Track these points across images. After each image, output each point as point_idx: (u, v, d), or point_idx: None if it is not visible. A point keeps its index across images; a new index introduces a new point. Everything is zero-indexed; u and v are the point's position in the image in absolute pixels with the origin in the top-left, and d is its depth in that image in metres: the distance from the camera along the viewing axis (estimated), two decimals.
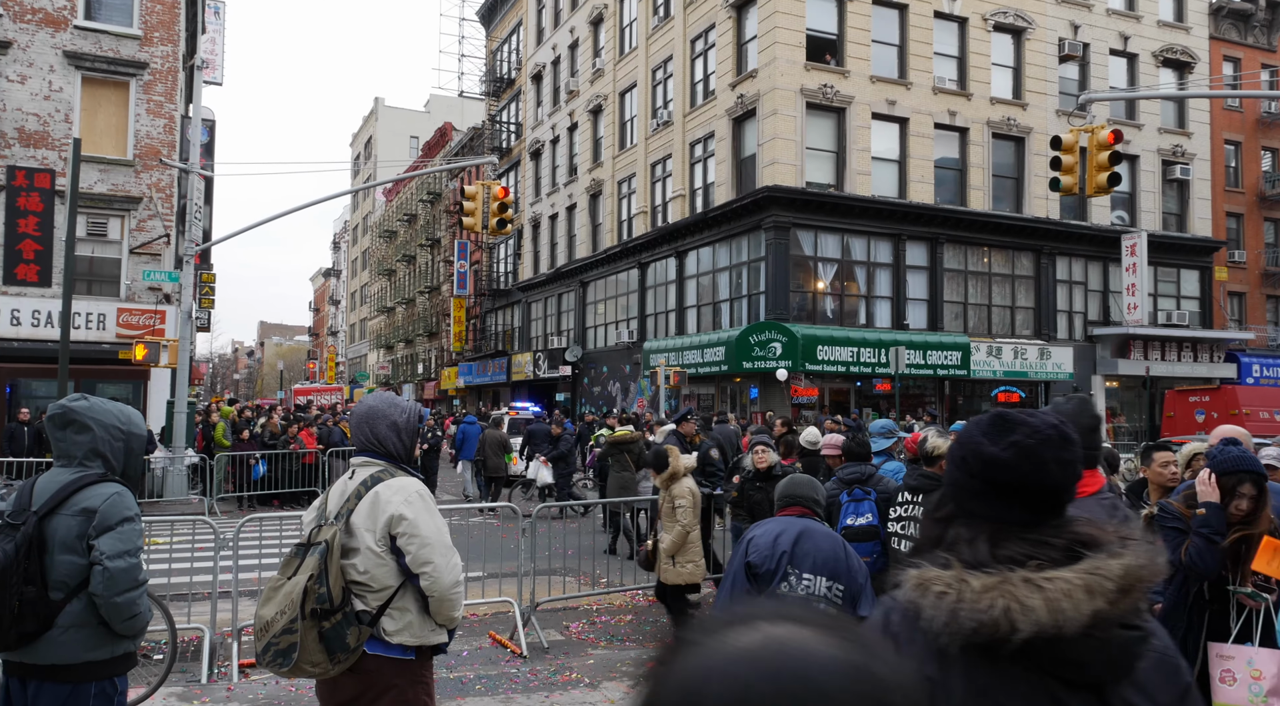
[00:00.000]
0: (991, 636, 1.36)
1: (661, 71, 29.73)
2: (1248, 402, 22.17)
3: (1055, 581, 1.37)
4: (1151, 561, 1.41)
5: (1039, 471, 1.51)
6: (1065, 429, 1.57)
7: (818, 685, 0.77)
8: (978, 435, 1.56)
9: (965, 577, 1.41)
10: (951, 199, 25.77)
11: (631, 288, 31.36)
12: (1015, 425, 1.55)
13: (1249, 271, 31.25)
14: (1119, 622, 1.38)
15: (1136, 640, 1.42)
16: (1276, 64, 31.54)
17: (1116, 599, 1.37)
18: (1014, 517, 1.51)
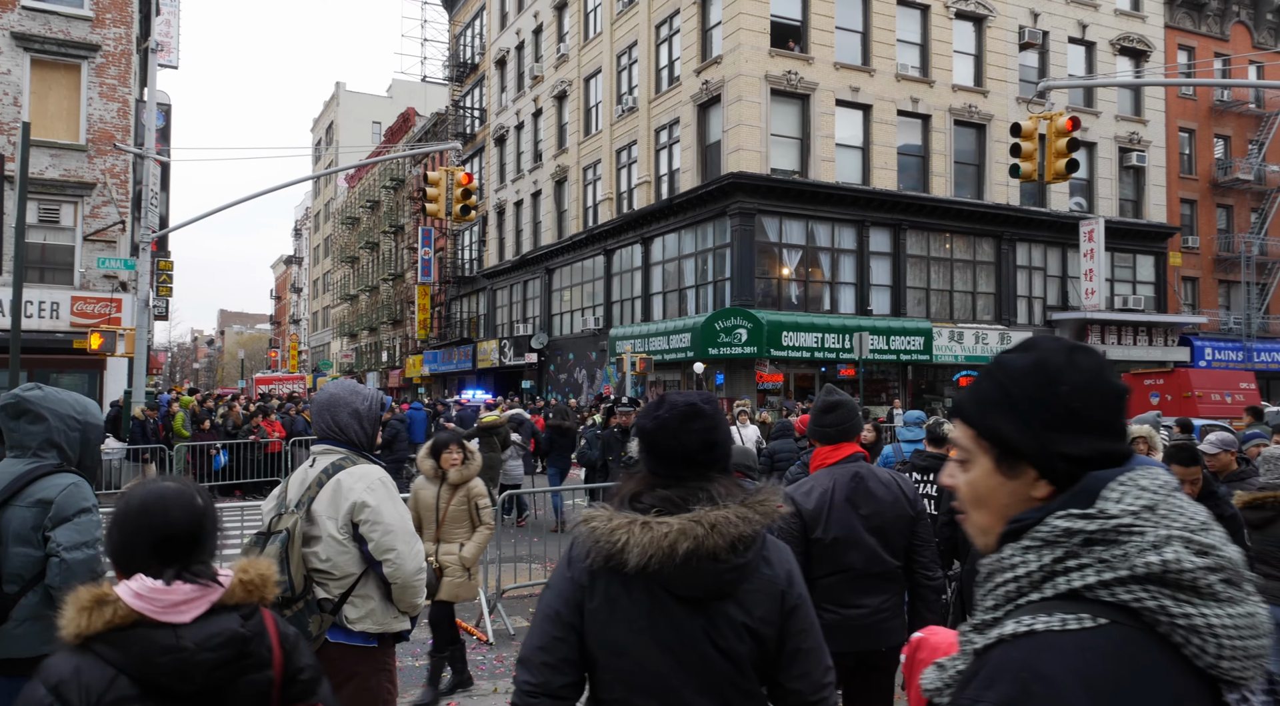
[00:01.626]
0: (618, 561, 1.87)
1: (626, 57, 29.62)
2: (1200, 385, 22.68)
3: (661, 525, 1.86)
4: (736, 514, 1.90)
5: (671, 439, 2.00)
6: (700, 406, 2.05)
7: None
8: (646, 412, 2.07)
9: (613, 517, 1.90)
10: (914, 185, 26.00)
11: (597, 274, 31.31)
12: (663, 404, 2.05)
13: (1202, 257, 31.90)
14: (711, 556, 1.86)
15: (729, 569, 1.90)
16: (1229, 53, 32.13)
17: (704, 539, 1.85)
18: (663, 473, 2.00)
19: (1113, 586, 1.08)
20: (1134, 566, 1.08)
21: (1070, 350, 1.25)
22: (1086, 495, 1.15)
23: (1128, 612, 1.07)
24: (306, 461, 3.48)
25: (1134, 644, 1.05)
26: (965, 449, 1.30)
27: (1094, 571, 1.10)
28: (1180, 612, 1.06)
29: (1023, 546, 1.16)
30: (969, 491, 1.29)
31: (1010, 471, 1.23)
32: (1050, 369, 1.23)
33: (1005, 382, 1.26)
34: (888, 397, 24.57)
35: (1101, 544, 1.11)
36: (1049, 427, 1.20)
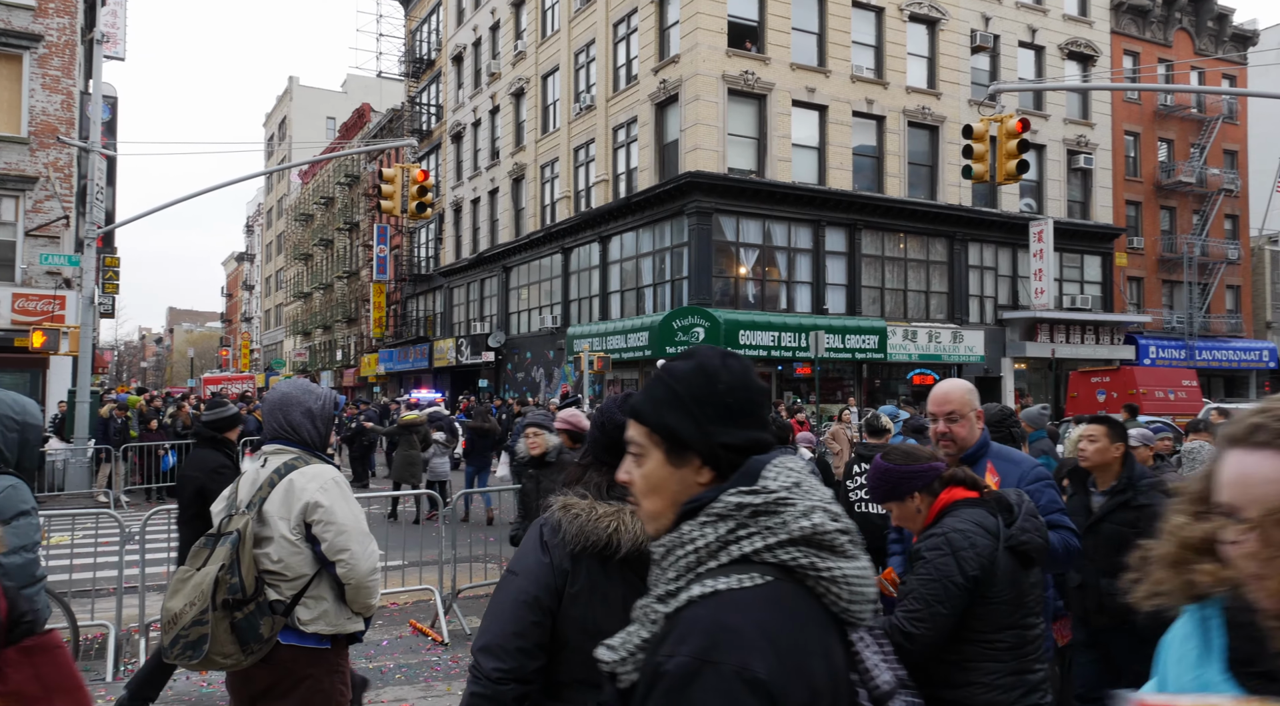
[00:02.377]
0: (605, 546, 1.97)
1: (584, 55, 29.56)
2: (1145, 383, 23.25)
3: None
4: None
5: None
6: None
7: None
8: (613, 407, 2.14)
9: (595, 506, 2.00)
10: (869, 186, 26.30)
11: (555, 273, 31.21)
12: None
13: (1146, 257, 32.71)
14: None
15: None
16: (1172, 58, 32.98)
17: None
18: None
19: (775, 549, 1.30)
20: (791, 531, 1.30)
21: (724, 356, 1.51)
22: (751, 475, 1.37)
23: (786, 570, 1.30)
24: (257, 461, 3.42)
25: (792, 595, 1.28)
26: (640, 445, 1.48)
27: (760, 538, 1.30)
28: (824, 567, 1.30)
29: (700, 522, 1.34)
30: (644, 483, 1.47)
31: (679, 461, 1.43)
32: (709, 371, 1.46)
33: (674, 385, 1.47)
34: (843, 396, 24.83)
35: (765, 514, 1.32)
36: (711, 421, 1.42)
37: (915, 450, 3.01)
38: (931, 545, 2.74)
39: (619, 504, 2.00)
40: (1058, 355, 28.51)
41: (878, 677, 1.32)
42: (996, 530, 2.73)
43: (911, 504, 2.91)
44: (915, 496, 2.90)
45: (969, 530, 2.71)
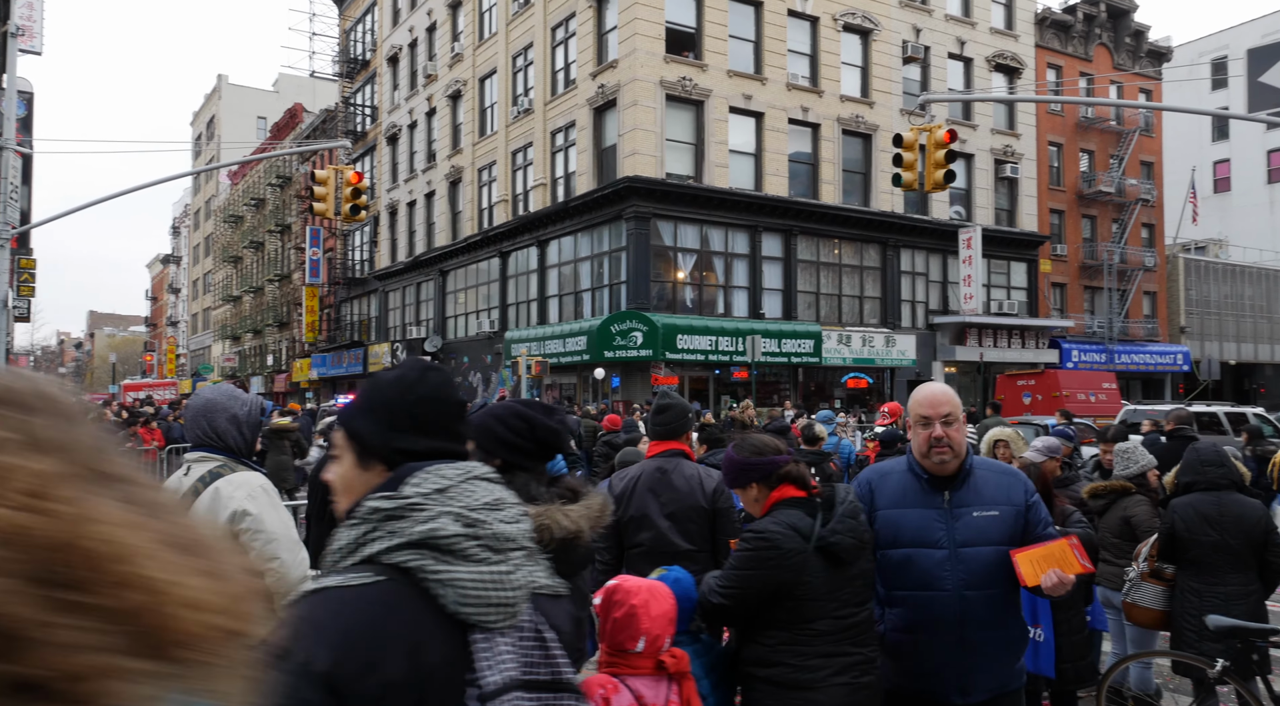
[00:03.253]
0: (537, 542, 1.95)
1: (522, 58, 29.45)
2: (1068, 386, 24.02)
3: (573, 511, 2.06)
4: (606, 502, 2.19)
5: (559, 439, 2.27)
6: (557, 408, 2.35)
7: None
8: (538, 415, 2.25)
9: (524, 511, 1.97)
10: (804, 192, 26.69)
11: (492, 277, 30.99)
12: (553, 409, 2.31)
13: (1069, 264, 33.80)
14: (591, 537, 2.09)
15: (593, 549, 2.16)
16: (1092, 72, 34.17)
17: (595, 523, 2.10)
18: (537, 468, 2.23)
19: (393, 551, 1.36)
20: (410, 535, 1.36)
21: (424, 369, 1.59)
22: (395, 482, 1.42)
23: (401, 571, 1.35)
24: (180, 469, 3.33)
25: (396, 594, 1.33)
26: (338, 446, 1.55)
27: (384, 540, 1.36)
28: (435, 569, 1.35)
29: (348, 524, 1.41)
30: (340, 482, 1.54)
31: (366, 465, 1.51)
32: (406, 383, 1.55)
33: (371, 393, 1.56)
34: (779, 399, 25.13)
35: (395, 519, 1.38)
36: (395, 429, 1.50)
37: (765, 444, 3.15)
38: (749, 538, 2.99)
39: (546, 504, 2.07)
40: (986, 359, 29.29)
41: (485, 678, 1.36)
42: (809, 531, 2.93)
43: (751, 492, 3.13)
44: (754, 486, 3.11)
45: (781, 532, 2.92)
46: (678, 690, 2.60)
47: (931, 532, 3.05)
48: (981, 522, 3.05)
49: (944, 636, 3.01)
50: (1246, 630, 4.14)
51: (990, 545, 3.03)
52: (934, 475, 3.11)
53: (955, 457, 3.08)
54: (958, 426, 3.09)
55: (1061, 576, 2.86)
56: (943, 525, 3.06)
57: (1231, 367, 37.89)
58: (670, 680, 2.61)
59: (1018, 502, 3.11)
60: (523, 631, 1.47)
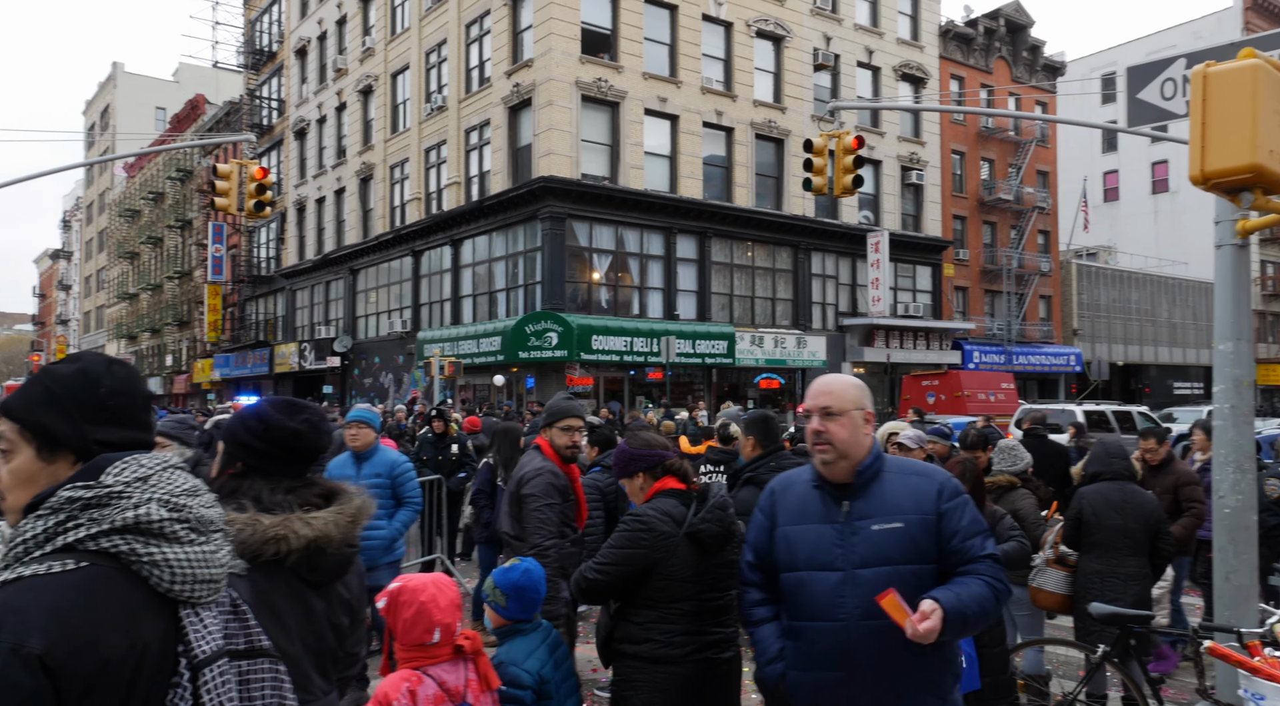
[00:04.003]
0: (273, 556, 1.93)
1: (435, 55, 29.05)
2: (969, 386, 24.91)
3: (318, 519, 2.01)
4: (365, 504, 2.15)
5: (315, 440, 2.16)
6: (323, 412, 2.26)
7: None
8: (277, 414, 2.14)
9: (259, 518, 1.96)
10: (719, 195, 27.04)
11: (405, 276, 30.49)
12: (303, 407, 2.20)
13: (971, 268, 35.07)
14: (347, 543, 2.08)
15: (351, 554, 2.13)
16: (993, 84, 35.54)
17: (348, 528, 2.06)
18: (291, 472, 2.13)
19: (98, 538, 1.40)
20: (114, 521, 1.41)
21: (109, 362, 1.61)
22: (93, 471, 1.46)
23: (109, 556, 1.41)
24: None
25: (105, 578, 1.39)
26: (10, 440, 1.54)
27: (84, 528, 1.40)
28: (145, 552, 1.42)
29: (36, 515, 1.43)
30: (12, 478, 1.54)
31: (50, 458, 1.53)
32: (92, 376, 1.57)
33: (51, 386, 1.56)
34: (693, 400, 25.39)
35: (96, 507, 1.42)
36: (89, 421, 1.53)
37: (654, 439, 3.50)
38: (627, 520, 3.27)
39: (284, 513, 2.01)
40: (892, 360, 30.17)
41: (196, 648, 1.44)
42: (682, 518, 3.24)
43: (637, 481, 3.43)
44: (640, 476, 3.42)
45: (657, 517, 3.22)
46: (474, 668, 2.82)
47: (826, 551, 2.63)
48: (881, 537, 2.58)
49: (842, 674, 2.58)
50: (1125, 616, 4.40)
51: (889, 565, 2.55)
52: (832, 482, 2.70)
53: (841, 458, 2.66)
54: (843, 421, 2.66)
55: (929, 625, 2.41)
56: (839, 542, 2.62)
57: (1119, 368, 39.89)
58: (467, 660, 2.81)
59: (927, 510, 2.60)
60: (222, 605, 1.55)
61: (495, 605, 3.20)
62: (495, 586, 3.20)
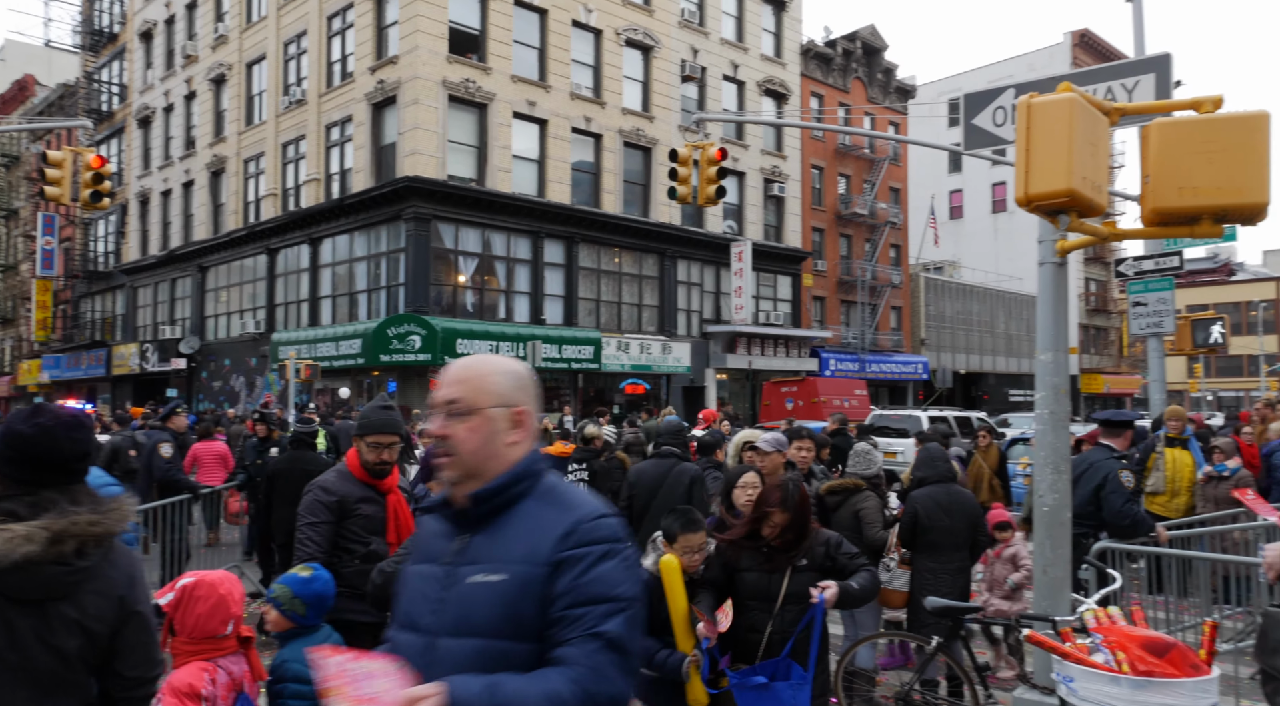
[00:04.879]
0: None
1: (294, 46, 27.97)
2: (825, 392, 25.89)
3: (5, 531, 1.92)
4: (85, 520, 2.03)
5: (53, 446, 2.05)
6: (83, 418, 2.18)
7: None
8: (15, 420, 2.07)
9: None
10: (587, 200, 27.14)
11: (259, 275, 29.18)
12: (42, 411, 2.13)
13: (828, 279, 36.49)
14: (53, 561, 1.96)
15: (67, 573, 2.00)
16: (850, 103, 37.14)
17: (48, 546, 1.95)
18: (26, 479, 2.03)
19: None
20: None
21: None
22: None
23: None
24: None
25: None
26: None
27: None
28: None
29: None
30: None
31: None
32: None
33: None
34: (559, 405, 25.35)
35: None
36: None
37: None
38: None
39: None
40: (754, 366, 31.04)
41: None
42: None
43: None
44: None
45: None
46: (246, 658, 2.95)
47: (419, 605, 1.90)
48: (475, 595, 1.82)
49: None
50: (956, 609, 4.70)
51: (475, 637, 1.80)
52: (454, 505, 1.94)
53: (467, 476, 1.90)
54: (475, 423, 1.91)
55: None
56: (437, 594, 1.87)
57: (962, 376, 42.36)
58: (243, 652, 2.95)
59: (538, 558, 1.81)
60: None
61: (291, 613, 3.27)
62: (295, 596, 3.27)
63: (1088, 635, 3.66)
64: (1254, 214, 3.85)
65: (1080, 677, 3.38)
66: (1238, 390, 59.04)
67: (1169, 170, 3.89)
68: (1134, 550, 6.25)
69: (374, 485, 4.10)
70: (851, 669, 5.36)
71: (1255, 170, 3.77)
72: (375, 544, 4.02)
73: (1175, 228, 4.07)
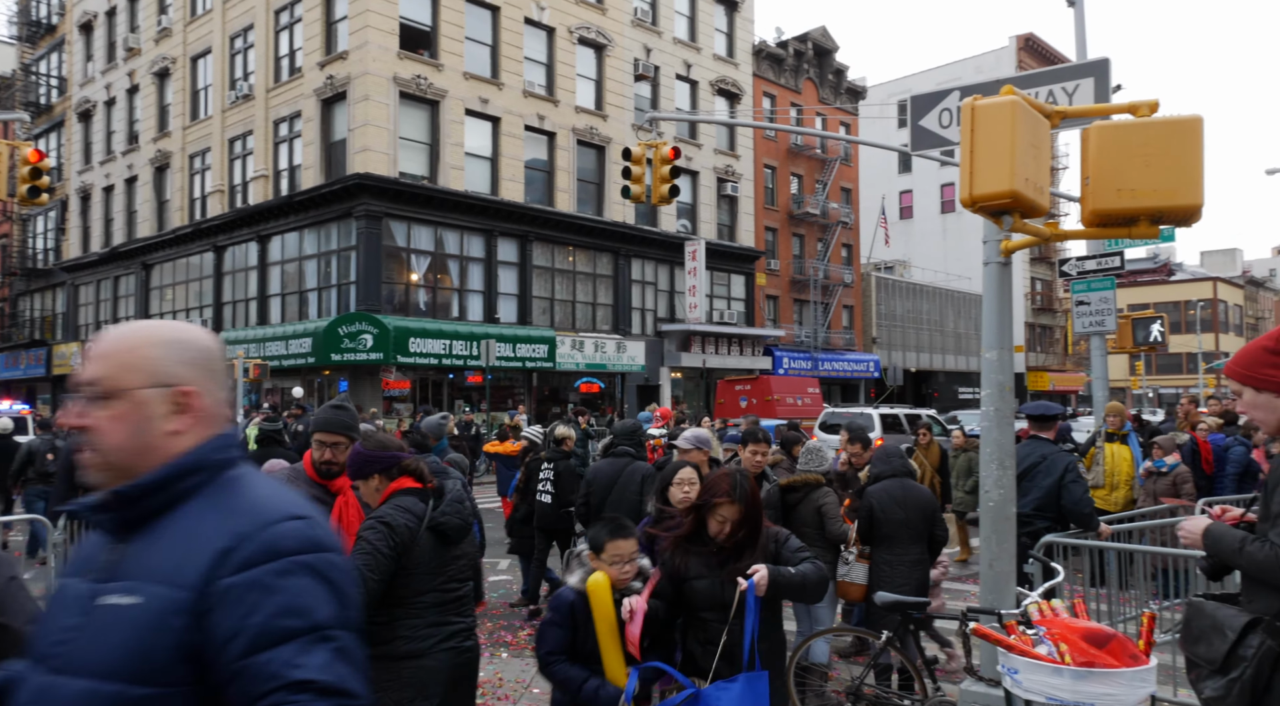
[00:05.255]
0: None
1: (241, 40, 27.44)
2: (779, 391, 26.14)
3: None
4: None
5: None
6: None
7: None
8: None
9: None
10: (540, 199, 27.03)
11: (206, 272, 28.60)
12: None
13: (781, 278, 36.80)
14: None
15: None
16: (801, 103, 37.49)
17: None
18: None
19: None
20: None
21: None
22: None
23: None
24: None
25: None
26: None
27: None
28: None
29: None
30: None
31: None
32: None
33: None
34: (513, 403, 25.24)
35: None
36: None
37: (389, 440, 3.55)
38: (369, 525, 3.30)
39: None
40: (708, 365, 31.17)
41: None
42: (422, 514, 3.34)
43: (372, 483, 3.46)
44: (375, 477, 3.46)
45: (397, 515, 3.30)
46: None
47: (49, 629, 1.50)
48: (104, 620, 1.42)
49: None
50: (905, 603, 4.77)
51: (84, 676, 1.39)
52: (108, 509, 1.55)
53: (112, 476, 1.52)
54: (120, 409, 1.51)
55: None
56: (71, 617, 1.47)
57: (912, 374, 43.00)
58: None
59: (185, 581, 1.40)
60: None
61: None
62: None
63: (1032, 627, 3.74)
64: (1188, 215, 3.96)
65: (1024, 669, 3.45)
66: (1177, 387, 60.80)
67: (1107, 172, 3.98)
68: (1078, 544, 6.41)
69: (324, 485, 4.02)
70: (805, 664, 5.42)
71: (1189, 173, 3.87)
72: None
73: (1114, 229, 4.16)
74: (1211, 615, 2.80)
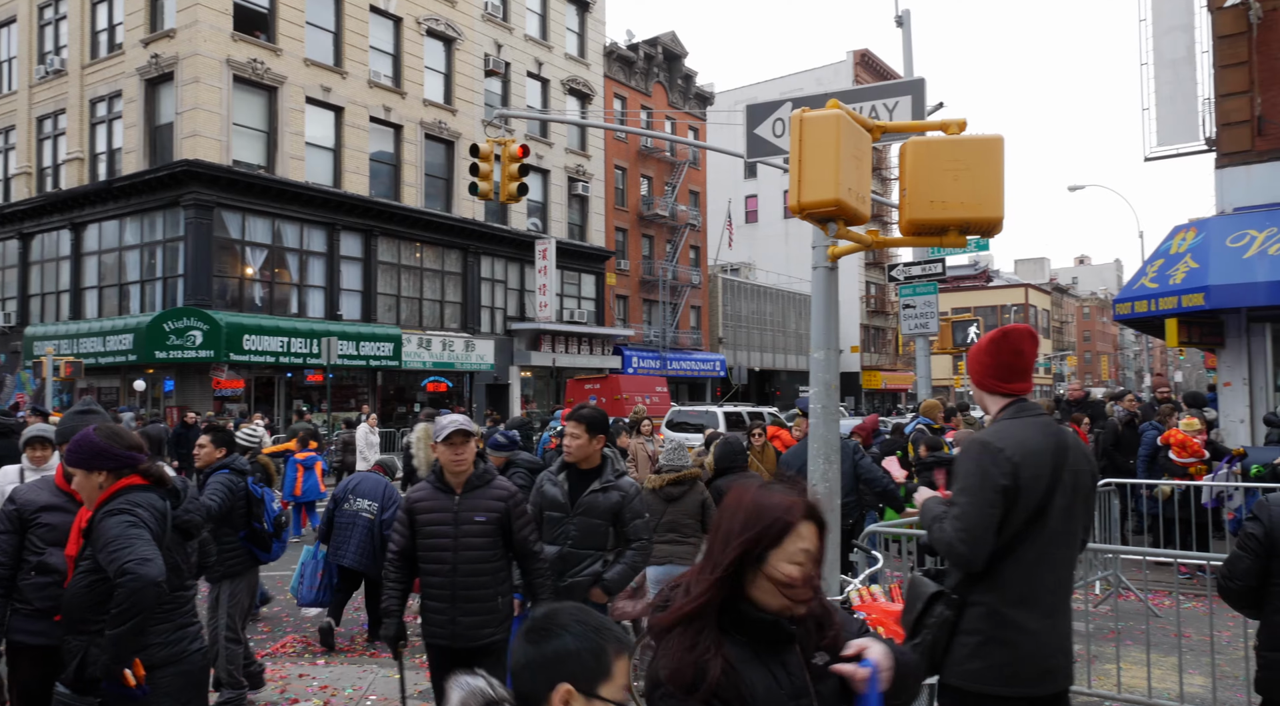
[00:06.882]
0: None
1: (52, 10, 25.35)
2: (628, 389, 26.45)
3: None
4: None
5: None
6: None
7: None
8: None
9: None
10: (386, 193, 26.28)
11: (10, 262, 26.25)
12: None
13: (631, 278, 37.24)
14: None
15: None
16: (652, 106, 38.06)
17: None
18: None
19: None
20: None
21: None
22: None
23: None
24: None
25: None
26: None
27: None
28: None
29: None
30: None
31: None
32: None
33: None
34: (357, 403, 24.44)
35: None
36: None
37: (124, 434, 3.37)
38: (120, 517, 3.14)
39: None
40: (558, 364, 31.17)
41: None
42: (165, 510, 3.30)
43: (96, 478, 3.28)
44: (104, 474, 3.29)
45: (145, 508, 3.19)
46: None
47: None
48: None
49: None
50: None
51: None
52: None
53: None
54: None
55: None
56: None
57: (756, 373, 44.45)
58: None
59: None
60: None
61: None
62: None
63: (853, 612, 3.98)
64: (991, 226, 4.31)
65: None
66: None
67: (922, 185, 4.27)
68: (898, 533, 6.83)
69: (70, 493, 3.85)
70: None
71: (992, 187, 4.21)
72: (49, 554, 3.82)
73: (928, 237, 4.48)
74: (915, 587, 3.08)
